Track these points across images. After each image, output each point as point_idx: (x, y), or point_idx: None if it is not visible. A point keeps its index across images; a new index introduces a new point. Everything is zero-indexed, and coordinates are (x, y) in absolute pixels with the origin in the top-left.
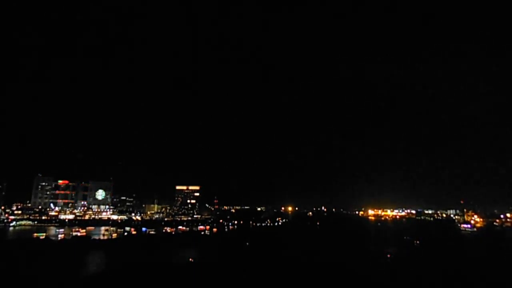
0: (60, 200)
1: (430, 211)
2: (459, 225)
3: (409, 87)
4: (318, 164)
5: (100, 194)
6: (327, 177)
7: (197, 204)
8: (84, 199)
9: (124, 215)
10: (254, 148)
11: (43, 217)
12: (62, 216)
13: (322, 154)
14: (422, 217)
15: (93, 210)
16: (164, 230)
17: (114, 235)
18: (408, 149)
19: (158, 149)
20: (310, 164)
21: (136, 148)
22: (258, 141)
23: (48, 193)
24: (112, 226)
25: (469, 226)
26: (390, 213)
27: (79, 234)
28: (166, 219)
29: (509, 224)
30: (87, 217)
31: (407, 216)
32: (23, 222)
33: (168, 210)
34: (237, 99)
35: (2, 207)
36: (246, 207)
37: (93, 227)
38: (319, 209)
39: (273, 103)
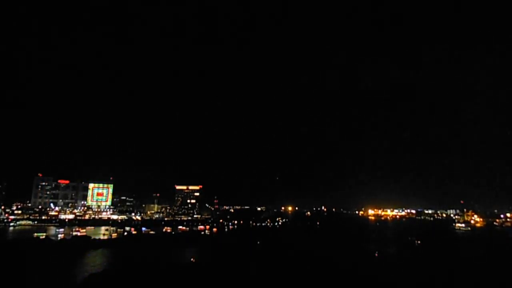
0: (60, 200)
1: (430, 211)
2: (454, 224)
3: (409, 88)
4: (318, 164)
5: (100, 194)
6: (327, 177)
7: (197, 204)
8: (84, 199)
9: (124, 215)
10: (254, 148)
11: (43, 217)
12: (62, 216)
13: (322, 154)
14: (422, 217)
15: (93, 210)
16: (164, 230)
17: (114, 235)
18: (408, 149)
19: (158, 149)
20: (310, 164)
21: (136, 148)
22: (258, 141)
23: (48, 193)
24: (112, 226)
25: (463, 225)
26: (390, 213)
27: (79, 234)
28: (166, 219)
29: (509, 224)
30: (87, 217)
31: (407, 216)
32: (23, 222)
33: (168, 210)
34: (238, 99)
35: (2, 207)
36: (246, 207)
37: (93, 227)
38: (319, 209)
39: (273, 104)
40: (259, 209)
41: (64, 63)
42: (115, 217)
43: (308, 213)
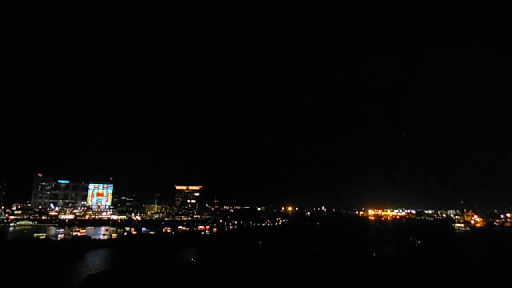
0: (60, 200)
1: (430, 211)
2: (453, 224)
3: (409, 87)
4: (318, 164)
5: (100, 194)
6: (327, 177)
7: (197, 204)
8: (84, 199)
9: (124, 215)
10: (255, 148)
11: (43, 217)
12: (62, 216)
13: (322, 154)
14: (422, 217)
15: (93, 210)
16: (164, 230)
17: (114, 235)
18: (408, 149)
19: (158, 149)
20: (310, 164)
21: (136, 148)
22: (258, 142)
23: (48, 193)
24: (112, 226)
25: (463, 225)
26: (390, 213)
27: (79, 234)
28: (166, 219)
29: (509, 224)
30: (87, 217)
31: (407, 216)
32: (23, 222)
33: (168, 210)
34: (238, 100)
35: (2, 207)
36: (246, 207)
37: (93, 227)
38: (319, 209)
39: (274, 104)
40: (259, 209)
41: (64, 63)
42: (115, 217)
43: (308, 213)
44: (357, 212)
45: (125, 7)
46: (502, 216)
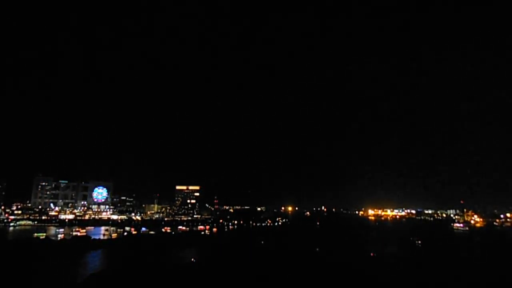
0: (60, 200)
1: (430, 211)
2: (452, 224)
3: (409, 87)
4: (318, 164)
5: (100, 194)
6: (327, 177)
7: (197, 204)
8: (84, 199)
9: (124, 215)
10: (255, 148)
11: (43, 217)
12: (62, 216)
13: (322, 154)
14: (422, 217)
15: (93, 210)
16: (164, 230)
17: (114, 235)
18: (408, 149)
19: (158, 149)
20: (310, 164)
21: (136, 148)
22: (258, 142)
23: (48, 193)
24: (112, 226)
25: (461, 225)
26: (390, 213)
27: (79, 234)
28: (166, 219)
29: (509, 224)
30: (87, 217)
31: (407, 216)
32: (23, 222)
33: (168, 210)
34: (238, 99)
35: (2, 207)
36: (246, 207)
37: (93, 227)
38: (319, 209)
39: (274, 104)
40: (259, 209)
41: (64, 63)
42: (115, 217)
43: (308, 213)
44: (357, 212)
45: (126, 6)
46: (502, 216)
